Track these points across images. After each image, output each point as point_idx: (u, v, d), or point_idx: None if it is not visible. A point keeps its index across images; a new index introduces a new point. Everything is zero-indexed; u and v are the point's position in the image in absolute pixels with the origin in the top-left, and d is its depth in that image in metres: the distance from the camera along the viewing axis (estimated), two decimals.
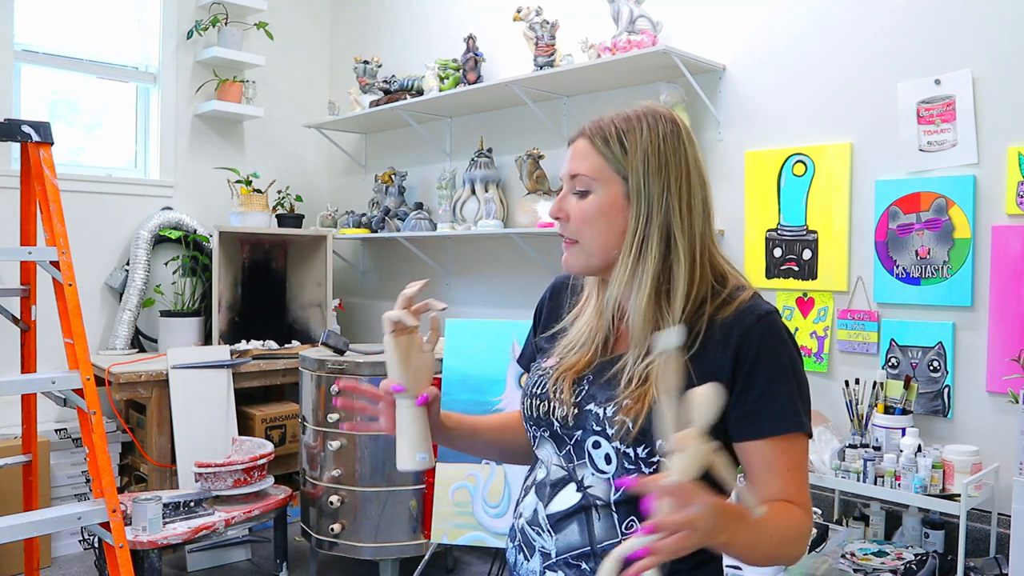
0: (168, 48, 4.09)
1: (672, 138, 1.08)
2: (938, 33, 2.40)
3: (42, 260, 2.28)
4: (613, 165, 1.07)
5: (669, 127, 1.08)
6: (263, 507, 3.01)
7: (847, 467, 2.23)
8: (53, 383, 2.22)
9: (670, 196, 1.06)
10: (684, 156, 1.09)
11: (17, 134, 2.35)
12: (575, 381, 1.11)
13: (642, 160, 1.06)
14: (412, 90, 3.77)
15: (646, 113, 1.09)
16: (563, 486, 1.09)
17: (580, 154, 1.10)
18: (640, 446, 1.02)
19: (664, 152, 1.07)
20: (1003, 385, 2.25)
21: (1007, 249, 2.26)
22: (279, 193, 4.31)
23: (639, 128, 1.07)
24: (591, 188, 1.08)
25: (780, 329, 1.05)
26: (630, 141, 1.07)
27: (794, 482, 1.03)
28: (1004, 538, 2.15)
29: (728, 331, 1.03)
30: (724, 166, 2.90)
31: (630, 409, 1.02)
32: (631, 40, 2.86)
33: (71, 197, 3.42)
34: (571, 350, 1.14)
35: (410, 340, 1.11)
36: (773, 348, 1.03)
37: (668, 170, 1.07)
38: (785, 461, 1.03)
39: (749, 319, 1.04)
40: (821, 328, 2.64)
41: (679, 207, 1.07)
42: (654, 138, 1.07)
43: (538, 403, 1.14)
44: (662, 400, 0.92)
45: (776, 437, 1.02)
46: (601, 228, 1.08)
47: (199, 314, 3.91)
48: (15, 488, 2.88)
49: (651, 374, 1.03)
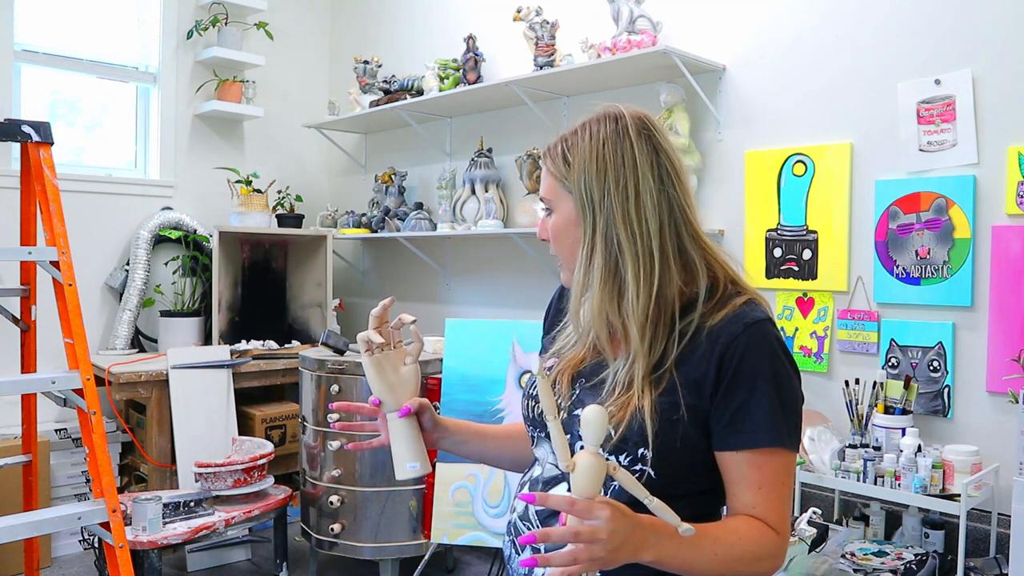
0: (168, 48, 4.09)
1: (613, 139, 1.06)
2: (938, 33, 2.40)
3: (42, 260, 2.28)
4: (562, 183, 1.08)
5: (609, 128, 1.07)
6: (263, 507, 3.01)
7: (847, 467, 2.23)
8: (53, 383, 2.22)
9: (611, 199, 1.04)
10: (629, 154, 1.05)
11: (17, 134, 2.35)
12: (571, 381, 1.12)
13: (582, 171, 1.06)
14: (412, 90, 3.77)
15: (593, 119, 1.09)
16: (555, 484, 1.10)
17: (543, 176, 1.13)
18: (621, 454, 1.01)
19: (603, 156, 1.05)
20: (1003, 385, 2.25)
21: (1007, 249, 2.26)
22: (279, 193, 4.31)
23: (580, 139, 1.07)
24: (553, 207, 1.11)
25: (769, 339, 1.03)
26: (573, 155, 1.07)
27: (765, 499, 1.01)
28: (1004, 538, 2.15)
29: (715, 338, 1.02)
30: (724, 166, 2.90)
31: (612, 416, 1.01)
32: (631, 40, 2.86)
33: (71, 197, 3.43)
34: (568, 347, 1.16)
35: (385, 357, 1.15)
36: (757, 358, 1.01)
37: (607, 173, 1.05)
38: (758, 476, 1.01)
39: (736, 327, 1.02)
40: (821, 328, 2.64)
41: (622, 208, 1.04)
42: (593, 145, 1.06)
43: (534, 404, 1.15)
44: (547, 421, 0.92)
45: (751, 450, 1.01)
46: (567, 243, 1.09)
47: (199, 314, 3.91)
48: (15, 488, 2.88)
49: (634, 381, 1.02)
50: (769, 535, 1.00)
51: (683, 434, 1.01)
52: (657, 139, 1.08)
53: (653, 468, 1.00)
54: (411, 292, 4.20)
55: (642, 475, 1.00)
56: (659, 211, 1.04)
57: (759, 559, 0.99)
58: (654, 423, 0.99)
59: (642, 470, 1.01)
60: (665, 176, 1.06)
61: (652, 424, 0.99)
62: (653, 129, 1.09)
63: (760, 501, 1.01)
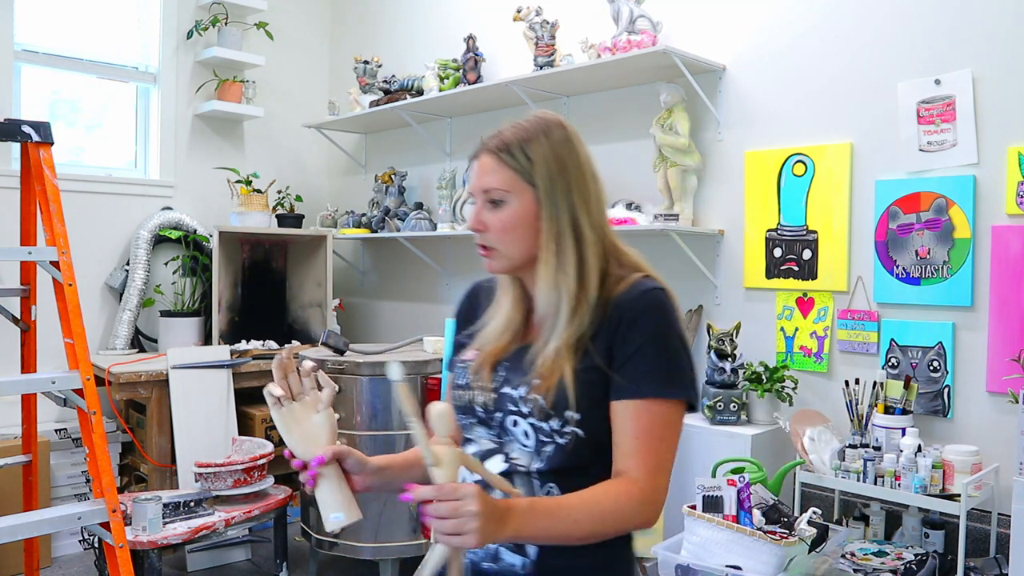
0: (168, 48, 4.09)
1: (566, 142, 1.19)
2: (938, 33, 2.40)
3: (42, 260, 2.28)
4: (523, 175, 1.16)
5: (561, 132, 1.19)
6: (263, 507, 3.01)
7: (847, 467, 2.23)
8: (53, 383, 2.22)
9: (572, 193, 1.17)
10: (578, 156, 1.19)
11: (17, 134, 2.35)
12: (493, 368, 1.20)
13: (545, 166, 1.16)
14: (412, 90, 3.77)
15: (539, 122, 1.19)
16: (491, 456, 1.18)
17: (489, 169, 1.18)
18: (551, 419, 1.11)
19: (562, 155, 1.17)
20: (1003, 385, 2.25)
21: (1007, 249, 2.26)
22: (279, 193, 4.31)
23: (537, 138, 1.17)
24: (506, 199, 1.17)
25: (659, 303, 1.14)
26: (533, 151, 1.16)
27: (639, 450, 1.09)
28: (1004, 538, 2.15)
29: (619, 305, 1.14)
30: (724, 166, 2.90)
31: (540, 387, 1.12)
32: (631, 40, 2.86)
33: (71, 197, 3.42)
34: (489, 341, 1.23)
35: (293, 408, 1.14)
36: (645, 319, 1.12)
37: (567, 171, 1.17)
38: (635, 426, 1.10)
39: (634, 292, 1.15)
40: (821, 328, 2.64)
41: (581, 201, 1.17)
42: (552, 144, 1.17)
43: (462, 393, 1.23)
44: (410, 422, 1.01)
45: (633, 400, 1.10)
46: (521, 234, 1.17)
47: (199, 314, 3.91)
48: (15, 488, 2.88)
49: (560, 352, 1.12)
50: (630, 491, 1.08)
51: (599, 395, 1.12)
52: (584, 145, 1.22)
53: (581, 428, 1.11)
54: (411, 292, 4.20)
55: (575, 437, 1.11)
56: (600, 204, 1.21)
57: (624, 516, 1.08)
58: (575, 389, 1.10)
59: (573, 432, 1.11)
60: (595, 177, 1.21)
61: (574, 390, 1.10)
62: (579, 135, 1.23)
63: (634, 450, 1.10)
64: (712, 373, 2.65)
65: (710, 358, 2.66)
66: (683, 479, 2.51)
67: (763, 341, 2.78)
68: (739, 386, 2.62)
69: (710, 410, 2.59)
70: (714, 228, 2.91)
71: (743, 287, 2.85)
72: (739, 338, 2.67)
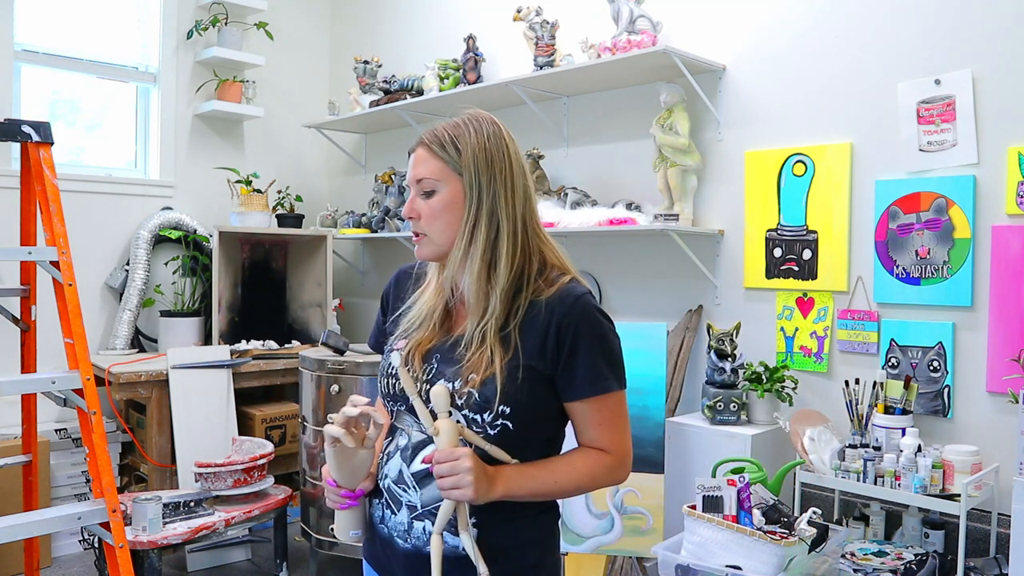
0: (168, 48, 4.09)
1: (495, 137, 1.27)
2: (938, 33, 2.40)
3: (42, 260, 2.28)
4: (451, 165, 1.25)
5: (492, 128, 1.28)
6: (263, 507, 3.01)
7: (847, 467, 2.23)
8: (53, 383, 2.22)
9: (496, 184, 1.25)
10: (506, 151, 1.27)
11: (17, 134, 2.35)
12: (424, 358, 1.28)
13: (472, 158, 1.25)
14: (412, 90, 3.77)
15: (471, 118, 1.28)
16: (424, 447, 1.25)
17: (422, 160, 1.27)
18: (484, 412, 1.20)
19: (489, 149, 1.26)
20: (1003, 385, 2.25)
21: (1007, 249, 2.26)
22: (279, 193, 4.31)
23: (467, 131, 1.26)
24: (436, 188, 1.26)
25: (591, 308, 1.25)
26: (462, 143, 1.25)
27: (605, 433, 1.26)
28: (1004, 538, 2.15)
29: (552, 309, 1.23)
30: (724, 166, 2.90)
31: (474, 382, 1.21)
32: (631, 40, 2.86)
33: (71, 197, 3.43)
34: (414, 328, 1.31)
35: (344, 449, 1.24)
36: (584, 325, 1.23)
37: (493, 163, 1.25)
38: (598, 417, 1.26)
39: (569, 299, 1.24)
40: (821, 328, 2.64)
41: (504, 193, 1.25)
42: (480, 138, 1.26)
43: (393, 382, 1.30)
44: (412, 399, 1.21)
45: (590, 398, 1.24)
46: (447, 220, 1.26)
47: (199, 314, 3.91)
48: (15, 488, 2.88)
49: (485, 339, 1.23)
50: (602, 457, 1.27)
51: (529, 391, 1.22)
52: (515, 143, 1.31)
53: (511, 421, 1.20)
54: None
55: (504, 428, 1.21)
56: (523, 199, 1.28)
57: (597, 477, 1.27)
58: (503, 384, 1.20)
59: (503, 424, 1.20)
60: (522, 173, 1.30)
61: (502, 385, 1.20)
62: (511, 135, 1.31)
63: (600, 436, 1.27)
64: (712, 373, 2.65)
65: (710, 358, 2.66)
66: (683, 479, 2.52)
67: (763, 341, 2.78)
68: (739, 386, 2.62)
69: (710, 410, 2.59)
70: (714, 228, 2.91)
71: (743, 287, 2.85)
72: (739, 338, 2.67)
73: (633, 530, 2.53)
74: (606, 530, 2.53)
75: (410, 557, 1.25)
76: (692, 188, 2.93)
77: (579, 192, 3.20)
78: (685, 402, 2.93)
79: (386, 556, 1.31)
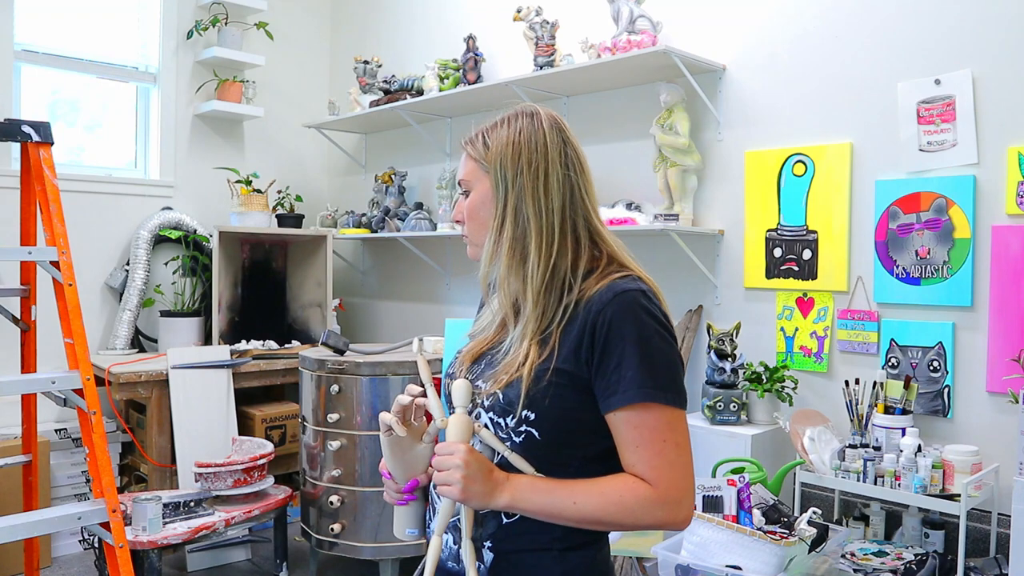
0: (168, 48, 4.09)
1: (528, 128, 1.18)
2: (938, 33, 2.40)
3: (42, 260, 2.28)
4: (481, 164, 1.20)
5: (526, 121, 1.19)
6: (263, 507, 3.01)
7: (847, 467, 2.23)
8: (53, 383, 2.22)
9: (523, 178, 1.15)
10: (541, 142, 1.17)
11: (17, 134, 2.35)
12: (475, 360, 1.23)
13: (499, 152, 1.17)
14: (412, 90, 3.76)
15: (512, 115, 1.21)
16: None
17: (462, 163, 1.24)
18: (508, 416, 1.11)
19: (519, 142, 1.17)
20: (1003, 385, 2.25)
21: (1007, 249, 2.26)
22: (279, 193, 4.31)
23: (499, 128, 1.20)
24: (471, 188, 1.21)
25: (633, 305, 1.09)
26: (491, 140, 1.19)
27: (643, 457, 1.07)
28: (1004, 538, 2.15)
29: (589, 307, 1.11)
30: (724, 166, 2.90)
31: (501, 383, 1.12)
32: (631, 40, 2.86)
33: (71, 197, 3.42)
34: (478, 332, 1.27)
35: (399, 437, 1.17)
36: (622, 324, 1.08)
37: (521, 156, 1.16)
38: (635, 435, 1.07)
39: (607, 296, 1.10)
40: (821, 328, 2.64)
41: (532, 186, 1.15)
42: (510, 132, 1.18)
43: (448, 382, 1.24)
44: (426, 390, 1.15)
45: (623, 409, 1.07)
46: (480, 219, 1.20)
47: (199, 314, 3.91)
48: (15, 488, 2.88)
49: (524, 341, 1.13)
50: (641, 489, 1.06)
51: (557, 396, 1.09)
52: (566, 133, 1.21)
53: (536, 429, 1.09)
54: (411, 292, 4.20)
55: (529, 436, 1.10)
56: (562, 193, 1.16)
57: (629, 508, 1.06)
58: (528, 387, 1.09)
59: (527, 431, 1.10)
60: (570, 164, 1.18)
61: (527, 388, 1.09)
62: (563, 125, 1.22)
63: (639, 460, 1.07)
64: (712, 373, 2.65)
65: (710, 358, 2.66)
66: None
67: (763, 341, 2.78)
68: (739, 386, 2.62)
69: (710, 410, 2.59)
70: (714, 228, 2.91)
71: (743, 287, 2.85)
72: (739, 338, 2.67)
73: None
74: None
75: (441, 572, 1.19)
76: (692, 188, 2.93)
77: None
78: None
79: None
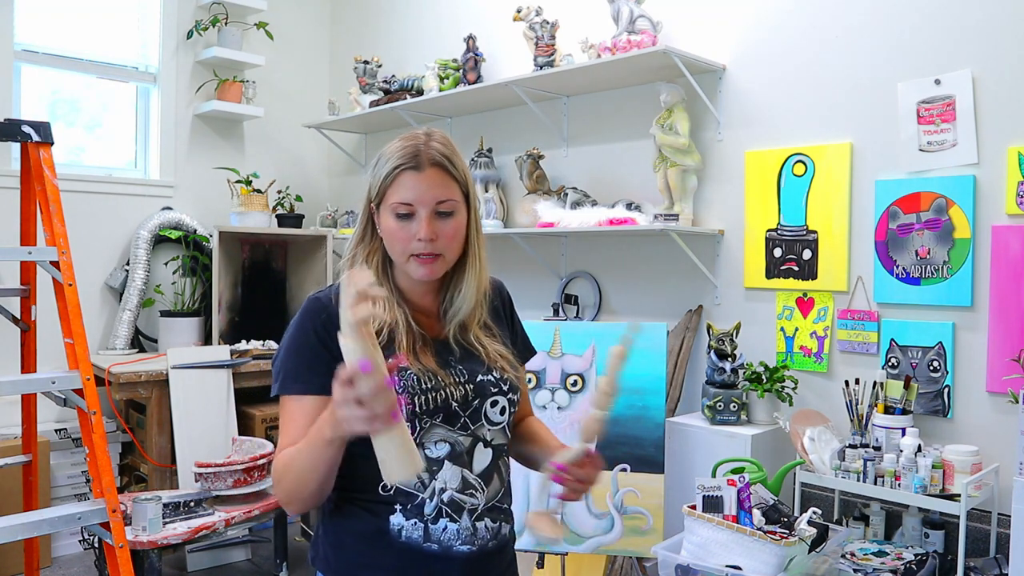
0: (168, 48, 4.09)
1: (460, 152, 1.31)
2: (938, 33, 2.40)
3: (42, 260, 2.29)
4: (461, 186, 1.27)
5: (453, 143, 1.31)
6: (263, 507, 3.01)
7: (847, 467, 2.23)
8: (53, 383, 2.22)
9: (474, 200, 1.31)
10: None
11: (17, 134, 2.35)
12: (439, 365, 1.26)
13: (467, 179, 1.29)
14: (412, 90, 3.77)
15: (447, 137, 1.30)
16: (474, 448, 1.26)
17: (441, 182, 1.24)
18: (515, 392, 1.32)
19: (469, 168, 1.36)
20: (1003, 385, 2.25)
21: (1007, 249, 2.26)
22: (279, 193, 4.31)
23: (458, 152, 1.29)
24: (455, 210, 1.26)
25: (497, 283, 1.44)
26: (460, 164, 1.28)
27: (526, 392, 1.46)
28: (1004, 538, 2.15)
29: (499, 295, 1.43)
30: (724, 166, 2.90)
31: (505, 370, 1.31)
32: (631, 40, 2.86)
33: (71, 197, 3.42)
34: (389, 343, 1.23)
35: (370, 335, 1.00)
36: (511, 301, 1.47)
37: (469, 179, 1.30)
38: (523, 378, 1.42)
39: (497, 283, 1.44)
40: (821, 328, 2.64)
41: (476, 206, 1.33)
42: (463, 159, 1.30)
43: (433, 394, 1.22)
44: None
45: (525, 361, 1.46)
46: (460, 241, 1.29)
47: (199, 314, 3.91)
48: (15, 488, 2.88)
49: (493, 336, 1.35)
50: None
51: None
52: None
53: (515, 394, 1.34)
54: None
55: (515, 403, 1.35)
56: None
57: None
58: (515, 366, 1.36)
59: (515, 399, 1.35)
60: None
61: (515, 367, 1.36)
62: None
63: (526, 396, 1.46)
64: (712, 373, 2.65)
65: (710, 358, 2.66)
66: (683, 479, 2.52)
67: (763, 341, 2.78)
68: (739, 386, 2.62)
69: (710, 410, 2.59)
70: (714, 228, 2.91)
71: (743, 287, 2.85)
72: (739, 338, 2.67)
73: (633, 530, 2.53)
74: (606, 530, 2.54)
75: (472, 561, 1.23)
76: (692, 188, 2.93)
77: (579, 192, 3.20)
78: (685, 402, 2.93)
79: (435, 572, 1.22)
